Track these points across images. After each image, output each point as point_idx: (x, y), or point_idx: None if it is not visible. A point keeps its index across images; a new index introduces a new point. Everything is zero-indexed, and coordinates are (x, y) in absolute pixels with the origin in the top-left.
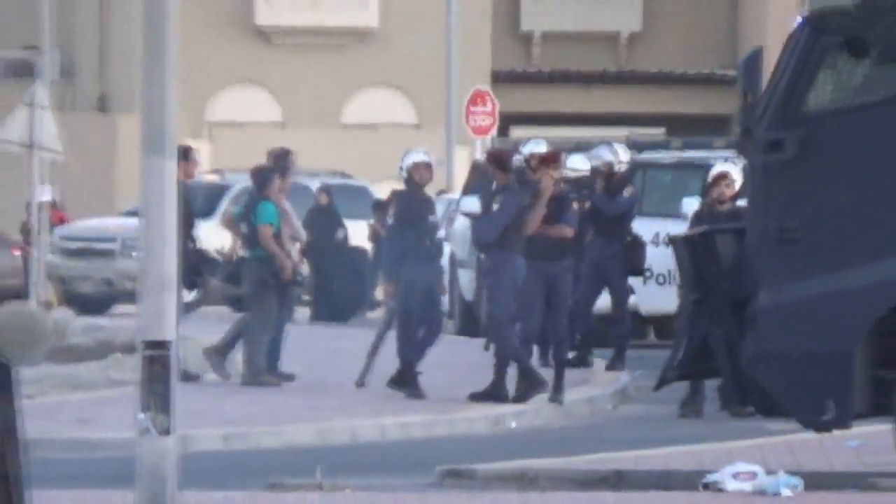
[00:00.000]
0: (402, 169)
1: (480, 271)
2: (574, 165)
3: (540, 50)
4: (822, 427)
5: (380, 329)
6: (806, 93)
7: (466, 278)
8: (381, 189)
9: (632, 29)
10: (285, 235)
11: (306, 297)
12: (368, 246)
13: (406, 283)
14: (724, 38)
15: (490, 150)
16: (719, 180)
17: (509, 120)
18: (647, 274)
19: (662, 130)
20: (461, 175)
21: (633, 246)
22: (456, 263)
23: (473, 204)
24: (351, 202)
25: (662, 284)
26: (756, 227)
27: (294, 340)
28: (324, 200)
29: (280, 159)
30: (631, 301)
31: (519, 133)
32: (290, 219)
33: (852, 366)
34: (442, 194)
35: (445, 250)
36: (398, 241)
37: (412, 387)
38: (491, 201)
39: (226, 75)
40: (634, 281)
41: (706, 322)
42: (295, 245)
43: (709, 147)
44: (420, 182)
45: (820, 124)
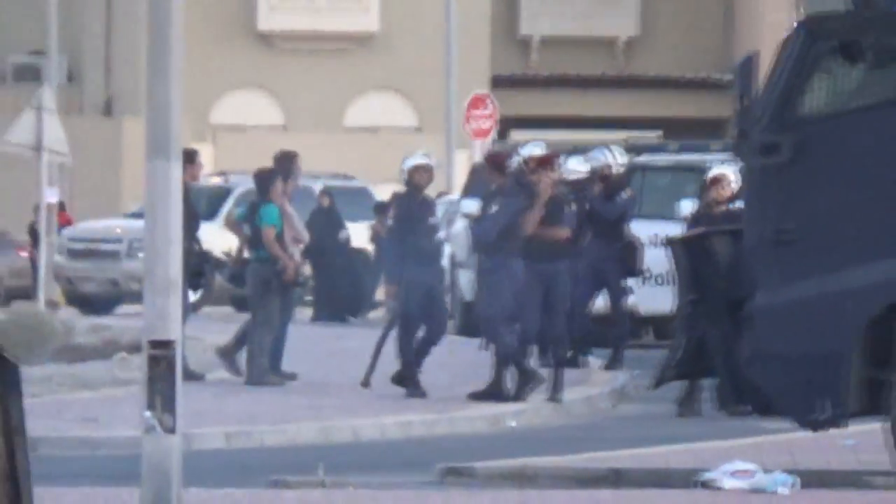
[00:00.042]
0: (403, 171)
1: (479, 272)
2: (572, 168)
3: (538, 54)
4: (818, 426)
5: (383, 330)
6: (801, 97)
7: (466, 279)
8: (383, 191)
9: (629, 34)
10: (288, 237)
11: (308, 298)
12: (370, 247)
13: (407, 284)
14: (720, 43)
15: (487, 153)
16: (716, 183)
17: (509, 123)
18: (645, 275)
19: (659, 133)
20: (461, 177)
21: (630, 248)
22: (455, 264)
23: (474, 206)
24: (352, 204)
25: (660, 285)
26: (752, 229)
27: (296, 340)
28: (325, 202)
29: (285, 162)
30: (629, 301)
31: (518, 136)
32: (293, 221)
33: (847, 365)
34: (442, 196)
35: (445, 251)
36: (398, 243)
37: (413, 386)
38: (489, 203)
39: (229, 79)
40: (633, 282)
41: (703, 322)
42: (297, 246)
43: (705, 150)
44: (420, 184)
45: (815, 128)
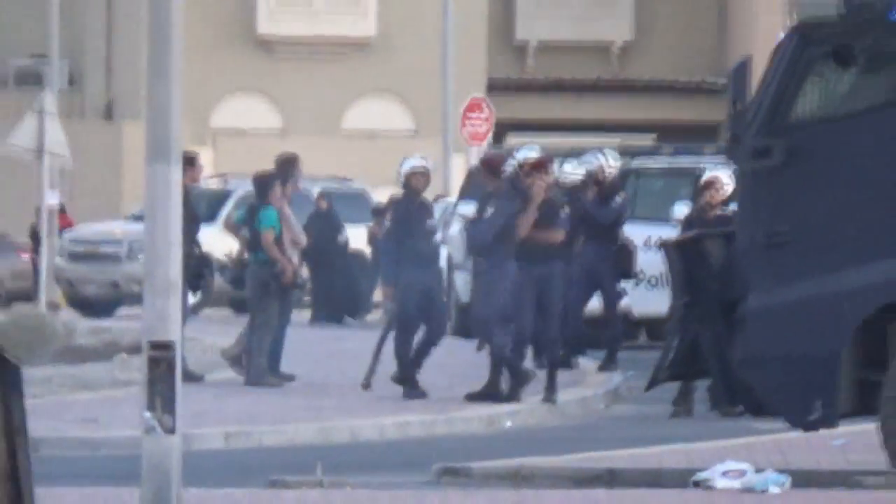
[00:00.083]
0: (400, 175)
1: (475, 274)
2: (569, 171)
3: (534, 59)
4: (810, 426)
5: (382, 331)
6: (793, 101)
7: (462, 281)
8: (380, 194)
9: (624, 39)
10: (287, 240)
11: (307, 300)
12: (367, 249)
13: (404, 286)
14: (714, 48)
15: (482, 157)
16: (709, 186)
17: (505, 127)
18: (639, 277)
19: (653, 137)
20: (458, 181)
21: (624, 250)
22: (452, 266)
23: (471, 209)
24: (350, 207)
25: (654, 287)
26: (745, 232)
27: (295, 342)
28: (323, 206)
29: (286, 165)
30: (623, 303)
31: (514, 140)
32: (292, 224)
33: (839, 367)
34: (439, 199)
35: (442, 253)
36: (396, 245)
37: (411, 386)
38: (484, 206)
39: (228, 84)
40: (626, 284)
41: (696, 324)
42: (296, 249)
43: (699, 153)
44: (417, 187)
45: (807, 132)
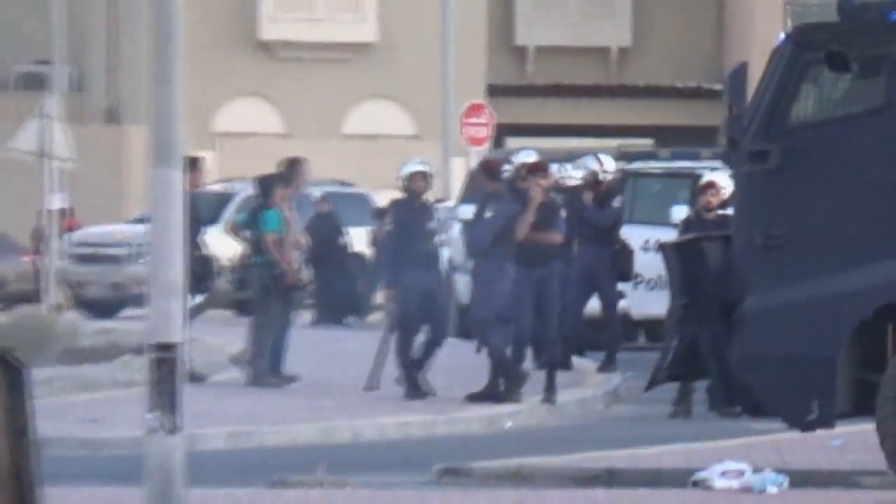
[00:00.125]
0: (400, 178)
1: (474, 276)
2: (569, 174)
3: (534, 63)
4: (807, 427)
5: (384, 334)
6: (789, 106)
7: (462, 282)
8: (381, 197)
9: (622, 44)
10: (289, 242)
11: (309, 302)
12: (369, 252)
13: (405, 288)
14: (711, 53)
15: (481, 160)
16: (707, 189)
17: (504, 131)
18: (638, 279)
19: (651, 141)
20: (458, 184)
21: (622, 253)
22: (452, 268)
23: (470, 212)
24: (351, 210)
25: (652, 289)
26: (742, 235)
27: (297, 343)
28: (324, 208)
29: (291, 168)
30: (622, 305)
31: (514, 144)
32: (293, 226)
33: (836, 368)
34: (439, 202)
35: (444, 255)
36: (397, 247)
37: (412, 387)
38: (483, 208)
39: (231, 88)
40: (625, 285)
41: (695, 326)
42: (298, 251)
43: (696, 157)
44: (418, 190)
45: (802, 136)
